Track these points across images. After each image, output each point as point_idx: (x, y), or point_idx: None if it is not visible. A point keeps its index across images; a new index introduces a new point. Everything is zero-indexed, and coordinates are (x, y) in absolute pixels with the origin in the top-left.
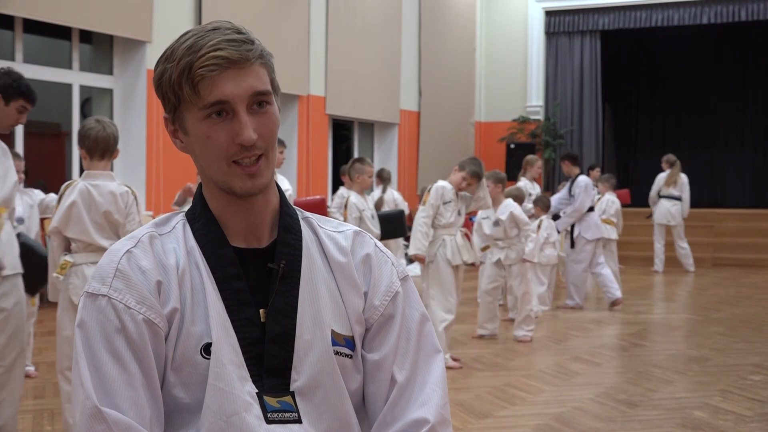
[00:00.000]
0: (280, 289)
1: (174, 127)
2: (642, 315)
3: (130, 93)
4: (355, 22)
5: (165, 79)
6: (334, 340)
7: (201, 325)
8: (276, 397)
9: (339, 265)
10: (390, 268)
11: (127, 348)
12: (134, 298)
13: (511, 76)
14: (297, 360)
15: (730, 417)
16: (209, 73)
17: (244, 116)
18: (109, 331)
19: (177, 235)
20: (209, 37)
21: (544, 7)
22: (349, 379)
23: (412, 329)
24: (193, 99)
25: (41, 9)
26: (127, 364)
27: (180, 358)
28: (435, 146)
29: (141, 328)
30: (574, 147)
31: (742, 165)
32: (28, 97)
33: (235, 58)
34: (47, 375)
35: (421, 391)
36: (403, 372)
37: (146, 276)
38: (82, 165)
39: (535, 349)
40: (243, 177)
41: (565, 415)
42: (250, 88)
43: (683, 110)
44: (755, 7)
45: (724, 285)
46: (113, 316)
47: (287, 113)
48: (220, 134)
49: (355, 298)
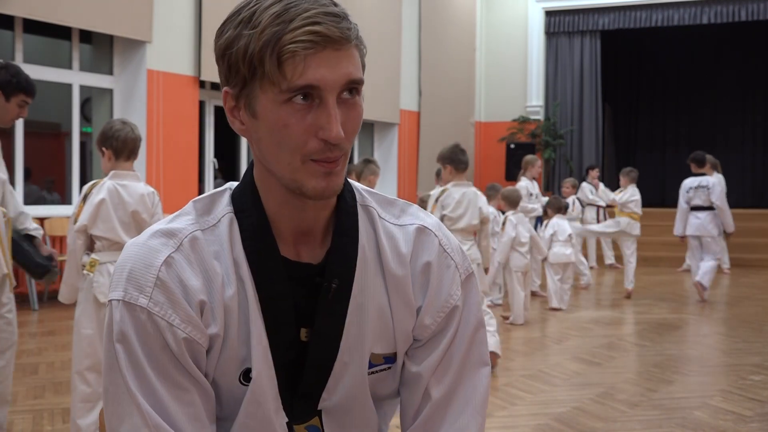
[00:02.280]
0: (329, 310)
1: (236, 104)
2: (642, 315)
3: (130, 93)
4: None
5: (240, 48)
6: (372, 362)
7: (242, 350)
8: (304, 422)
9: (395, 278)
10: (451, 276)
11: (176, 364)
12: (178, 315)
13: (511, 76)
14: (332, 383)
15: (730, 417)
16: (303, 50)
17: (334, 108)
18: (155, 350)
19: (221, 233)
20: (303, 5)
21: (544, 7)
22: (383, 386)
23: (463, 341)
24: (276, 78)
25: (41, 9)
26: (178, 381)
27: (217, 380)
28: (435, 146)
29: (181, 345)
30: (574, 147)
31: (742, 165)
32: (28, 91)
33: (336, 36)
34: (47, 375)
35: (459, 415)
36: (441, 387)
37: (189, 293)
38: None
39: (535, 349)
40: (319, 175)
41: (565, 415)
42: (346, 74)
43: (683, 110)
44: (755, 7)
45: (724, 285)
46: (154, 330)
47: None
48: (302, 124)
49: (407, 317)
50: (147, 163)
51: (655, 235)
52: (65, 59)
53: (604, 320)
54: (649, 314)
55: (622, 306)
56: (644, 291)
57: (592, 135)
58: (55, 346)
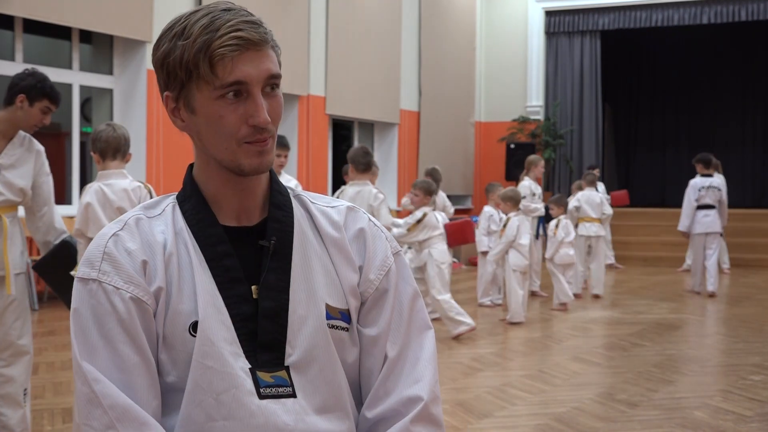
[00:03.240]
0: (272, 266)
1: (177, 105)
2: (642, 315)
3: (130, 93)
4: (355, 22)
5: (175, 57)
6: (329, 313)
7: (189, 304)
8: (270, 372)
9: (332, 239)
10: (384, 243)
11: (120, 331)
12: (122, 278)
13: (511, 76)
14: (291, 334)
15: (730, 417)
16: (230, 53)
17: (260, 98)
18: (101, 315)
19: (166, 217)
20: (225, 17)
21: (544, 7)
22: (346, 352)
23: (404, 304)
24: (210, 78)
25: (41, 9)
26: (119, 349)
27: (169, 337)
28: (435, 146)
29: (129, 306)
30: (574, 147)
31: (742, 165)
32: (52, 98)
33: (256, 39)
34: (47, 375)
35: (413, 368)
36: (395, 347)
37: (132, 257)
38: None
39: (535, 349)
40: (253, 154)
41: (565, 415)
42: (267, 70)
43: (683, 110)
44: (755, 7)
45: (724, 285)
46: (104, 299)
47: (287, 113)
48: (234, 115)
49: (350, 272)
50: (147, 163)
51: (655, 235)
52: (65, 59)
53: (604, 320)
54: (649, 314)
55: (622, 306)
56: (644, 291)
57: (592, 135)
58: (55, 346)
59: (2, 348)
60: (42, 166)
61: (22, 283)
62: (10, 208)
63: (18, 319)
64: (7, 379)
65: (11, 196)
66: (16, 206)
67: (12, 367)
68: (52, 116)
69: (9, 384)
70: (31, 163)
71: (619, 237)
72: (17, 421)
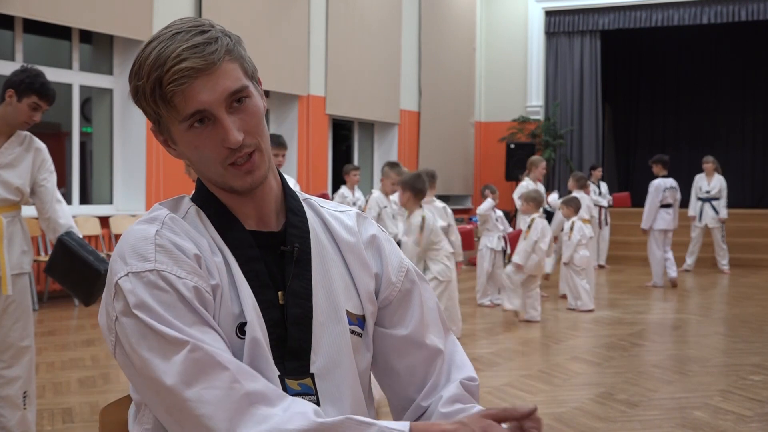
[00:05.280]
0: (296, 272)
1: (163, 137)
2: (642, 315)
3: None
4: (355, 22)
5: (140, 95)
6: (350, 320)
7: (236, 305)
8: (297, 379)
9: (348, 244)
10: (395, 247)
11: (192, 313)
12: (183, 269)
13: (511, 76)
14: (315, 342)
15: (730, 417)
16: (178, 87)
17: (226, 120)
18: (170, 301)
19: (192, 220)
20: (171, 47)
21: (544, 7)
22: (359, 357)
23: (434, 301)
24: (172, 113)
25: (41, 9)
26: (198, 327)
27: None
28: (435, 146)
29: (193, 294)
30: (574, 147)
31: (742, 165)
32: (42, 94)
33: (201, 66)
34: (47, 375)
35: (458, 358)
36: (441, 341)
37: (184, 251)
38: (82, 164)
39: (535, 349)
40: (240, 176)
41: (565, 415)
42: (224, 90)
43: (683, 110)
44: (755, 7)
45: (724, 285)
46: (167, 287)
47: (287, 113)
48: (207, 142)
49: (366, 278)
50: (147, 164)
51: None
52: (65, 59)
53: (604, 320)
54: (649, 314)
55: (622, 306)
56: (644, 291)
57: (592, 135)
58: (55, 346)
59: (2, 349)
60: (42, 163)
61: (23, 284)
62: (9, 208)
63: (19, 320)
64: (8, 381)
65: (8, 195)
66: (18, 206)
67: (12, 369)
68: (52, 116)
69: (9, 386)
70: (29, 162)
71: (619, 237)
72: (16, 422)
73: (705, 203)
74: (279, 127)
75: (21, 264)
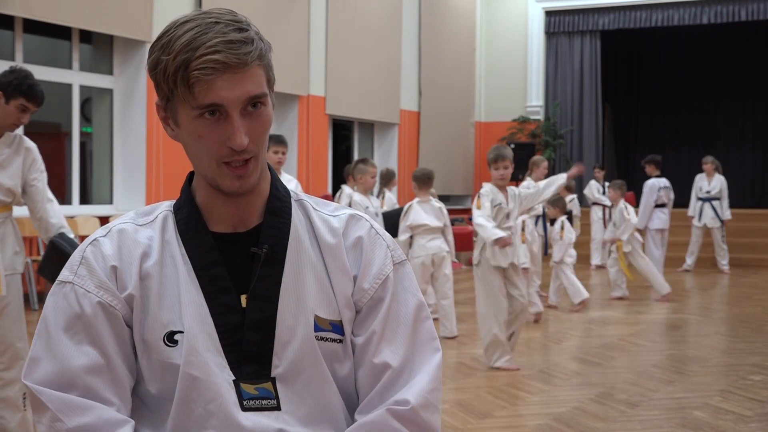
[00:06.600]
0: (263, 274)
1: (166, 114)
2: (642, 315)
3: (130, 93)
4: (355, 22)
5: (160, 69)
6: (318, 325)
7: (169, 313)
8: (254, 384)
9: (328, 246)
10: (384, 252)
11: (82, 331)
12: (94, 283)
13: (511, 76)
14: (279, 346)
15: (730, 417)
16: (204, 77)
17: (238, 121)
18: (69, 316)
19: (156, 225)
20: (208, 35)
21: (544, 7)
22: (338, 364)
23: (405, 314)
24: (187, 97)
25: (41, 9)
26: (80, 348)
27: (148, 344)
28: (435, 146)
29: (96, 310)
30: (574, 147)
31: (742, 165)
32: (29, 96)
33: (233, 63)
34: None
35: (411, 377)
36: (397, 357)
37: (105, 261)
38: (82, 164)
39: (535, 349)
40: (231, 177)
41: (565, 415)
42: (245, 93)
43: (683, 110)
44: (755, 7)
45: (724, 285)
46: (74, 301)
47: (287, 113)
48: (212, 135)
49: (345, 282)
50: (147, 164)
51: None
52: (65, 59)
53: (604, 320)
54: (649, 314)
55: (622, 306)
56: (644, 291)
57: (592, 135)
58: None
59: (1, 351)
60: (33, 163)
61: (16, 285)
62: (1, 209)
63: (16, 321)
64: (7, 383)
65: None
66: (9, 207)
67: (12, 370)
68: (52, 116)
69: (9, 387)
70: (19, 163)
71: None
72: (16, 424)
73: (705, 203)
74: (279, 127)
75: (14, 265)
